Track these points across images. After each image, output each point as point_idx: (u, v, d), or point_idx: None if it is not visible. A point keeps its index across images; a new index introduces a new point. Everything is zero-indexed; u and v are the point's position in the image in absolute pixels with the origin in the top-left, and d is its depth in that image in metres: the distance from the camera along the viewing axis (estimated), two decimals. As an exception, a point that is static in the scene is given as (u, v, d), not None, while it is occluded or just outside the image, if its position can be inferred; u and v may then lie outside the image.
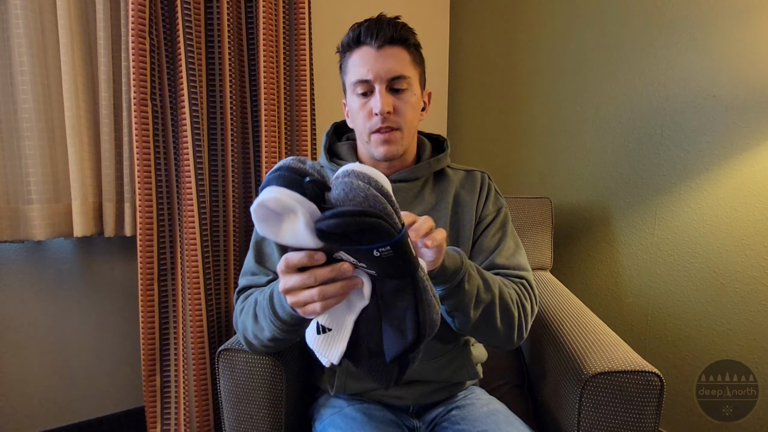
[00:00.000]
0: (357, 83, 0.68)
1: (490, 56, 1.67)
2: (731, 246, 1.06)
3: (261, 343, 0.65)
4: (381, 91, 0.67)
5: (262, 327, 0.62)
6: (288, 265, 0.43)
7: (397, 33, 0.67)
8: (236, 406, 0.76)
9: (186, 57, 1.08)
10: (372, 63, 0.67)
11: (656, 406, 0.66)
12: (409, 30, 0.70)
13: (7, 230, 1.02)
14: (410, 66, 0.70)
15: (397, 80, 0.68)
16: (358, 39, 0.68)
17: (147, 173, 1.09)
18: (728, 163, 1.05)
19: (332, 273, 0.42)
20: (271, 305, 0.59)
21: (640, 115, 1.22)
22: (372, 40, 0.67)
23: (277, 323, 0.59)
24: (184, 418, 1.18)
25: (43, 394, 1.18)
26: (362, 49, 0.68)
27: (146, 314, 1.14)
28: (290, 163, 0.38)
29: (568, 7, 1.39)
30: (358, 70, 0.68)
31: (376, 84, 0.67)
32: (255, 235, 0.76)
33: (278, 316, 0.58)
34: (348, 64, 0.70)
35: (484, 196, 0.78)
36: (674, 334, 1.18)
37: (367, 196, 0.36)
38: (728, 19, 1.04)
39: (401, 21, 0.69)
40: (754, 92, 1.00)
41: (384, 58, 0.67)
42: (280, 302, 0.57)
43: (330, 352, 0.47)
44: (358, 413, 0.71)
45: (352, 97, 0.71)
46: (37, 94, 1.01)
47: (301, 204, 0.36)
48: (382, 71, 0.67)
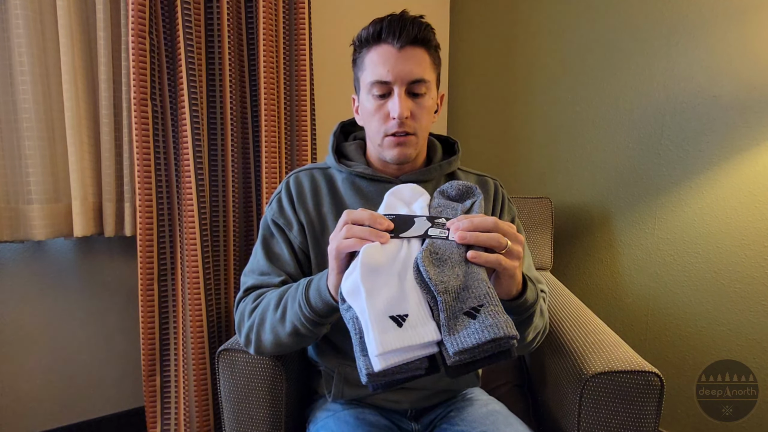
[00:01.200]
0: (375, 83, 0.65)
1: (490, 56, 1.67)
2: (731, 246, 1.06)
3: (276, 339, 0.64)
4: (400, 95, 0.64)
5: (286, 320, 0.62)
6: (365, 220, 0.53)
7: (421, 33, 0.64)
8: (236, 406, 0.76)
9: (186, 57, 1.08)
10: (393, 63, 0.64)
11: (656, 406, 0.66)
12: (432, 30, 0.67)
13: (7, 230, 1.02)
14: (430, 69, 0.67)
15: (417, 84, 0.65)
16: (379, 36, 0.64)
17: (147, 173, 1.09)
18: (728, 163, 1.05)
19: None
20: (306, 293, 0.59)
21: (640, 115, 1.22)
22: (394, 39, 0.63)
23: (307, 312, 0.59)
24: (184, 418, 1.18)
25: (43, 394, 1.18)
26: (382, 47, 0.65)
27: (146, 314, 1.14)
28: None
29: (568, 8, 1.39)
30: (378, 69, 0.65)
31: (395, 86, 0.64)
32: (264, 230, 0.75)
33: (311, 304, 0.59)
34: (365, 60, 0.67)
35: (499, 206, 0.77)
36: (674, 334, 1.18)
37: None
38: (728, 19, 1.04)
39: (425, 21, 0.66)
40: (754, 92, 1.01)
41: (405, 59, 0.64)
42: (318, 290, 0.58)
43: (421, 336, 0.44)
44: (351, 417, 0.70)
45: (366, 97, 0.68)
46: (37, 94, 1.01)
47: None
48: (403, 73, 0.64)
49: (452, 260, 0.49)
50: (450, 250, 0.50)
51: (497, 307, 0.45)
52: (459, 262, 0.49)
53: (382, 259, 0.49)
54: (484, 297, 0.46)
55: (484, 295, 0.46)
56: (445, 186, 0.60)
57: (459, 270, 0.48)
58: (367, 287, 0.46)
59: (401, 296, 0.47)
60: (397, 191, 0.61)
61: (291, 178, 0.77)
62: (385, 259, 0.49)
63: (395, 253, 0.50)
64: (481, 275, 0.48)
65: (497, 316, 0.44)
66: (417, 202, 0.58)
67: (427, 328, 0.44)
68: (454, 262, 0.49)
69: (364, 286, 0.46)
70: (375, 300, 0.45)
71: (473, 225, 0.50)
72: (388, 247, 0.50)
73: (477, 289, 0.46)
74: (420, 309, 0.46)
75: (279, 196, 0.75)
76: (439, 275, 0.47)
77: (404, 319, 0.45)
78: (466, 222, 0.50)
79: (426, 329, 0.44)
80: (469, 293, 0.47)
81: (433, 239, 0.51)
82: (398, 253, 0.50)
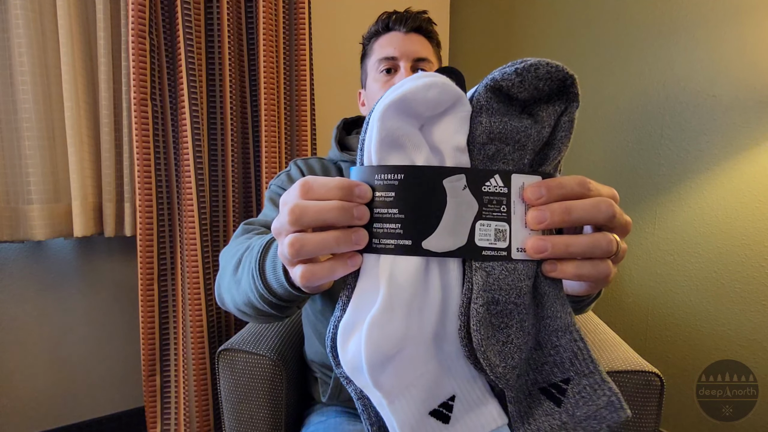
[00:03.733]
0: (382, 60, 0.70)
1: (490, 57, 1.67)
2: (731, 246, 1.06)
3: (235, 305, 0.49)
4: (406, 69, 0.69)
5: (241, 288, 0.46)
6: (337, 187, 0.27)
7: (425, 24, 0.71)
8: (236, 406, 0.76)
9: (186, 57, 1.08)
10: (399, 44, 0.70)
11: (656, 406, 0.66)
12: (434, 25, 0.73)
13: (7, 230, 1.02)
14: (433, 55, 0.73)
15: (422, 62, 0.70)
16: (387, 26, 0.72)
17: (147, 173, 1.09)
18: (728, 163, 1.05)
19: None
20: (261, 264, 0.42)
21: (640, 115, 1.22)
22: (401, 26, 0.70)
23: (263, 291, 0.42)
24: (184, 418, 1.18)
25: (43, 394, 1.18)
26: (390, 33, 0.71)
27: (146, 314, 1.14)
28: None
29: (568, 8, 1.39)
30: (384, 49, 0.71)
31: (401, 62, 0.70)
32: (270, 193, 0.69)
33: (267, 282, 0.42)
34: (374, 47, 0.73)
35: None
36: (674, 334, 1.18)
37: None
38: (728, 19, 1.03)
39: (428, 16, 0.73)
40: (754, 92, 1.00)
41: (411, 41, 0.70)
42: (274, 267, 0.40)
43: (481, 427, 0.28)
44: (340, 425, 0.69)
45: (374, 77, 0.72)
46: (37, 94, 1.01)
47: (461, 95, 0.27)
48: (409, 51, 0.69)
49: (522, 305, 0.28)
50: (518, 283, 0.27)
51: (594, 377, 0.27)
52: (529, 302, 0.28)
53: (397, 329, 0.27)
54: (571, 363, 0.28)
55: (572, 359, 0.28)
56: (506, 70, 0.27)
57: (529, 321, 0.28)
58: (387, 389, 0.27)
59: (441, 372, 0.28)
60: (401, 99, 0.27)
61: (299, 161, 0.75)
62: (402, 321, 0.27)
63: (417, 294, 0.27)
64: (557, 307, 0.29)
65: (595, 397, 0.27)
66: (444, 125, 0.28)
67: (487, 412, 0.29)
68: (524, 308, 0.28)
69: (380, 390, 0.27)
70: (403, 404, 0.27)
71: (563, 210, 0.27)
72: (402, 279, 0.27)
73: (558, 348, 0.28)
74: (473, 382, 0.29)
75: (288, 172, 0.72)
76: (502, 351, 0.27)
77: (451, 408, 0.28)
78: (548, 210, 0.27)
79: (485, 415, 0.29)
80: (545, 355, 0.29)
81: (487, 264, 0.27)
82: (425, 292, 0.27)
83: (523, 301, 0.28)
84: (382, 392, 0.27)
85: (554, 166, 0.30)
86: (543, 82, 0.27)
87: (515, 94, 0.27)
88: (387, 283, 0.26)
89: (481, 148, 0.28)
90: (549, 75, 0.27)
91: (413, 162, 0.27)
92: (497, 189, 0.27)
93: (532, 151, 0.28)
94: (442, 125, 0.27)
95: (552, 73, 0.27)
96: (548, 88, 0.28)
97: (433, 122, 0.28)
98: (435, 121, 0.28)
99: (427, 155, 0.27)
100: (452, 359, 0.29)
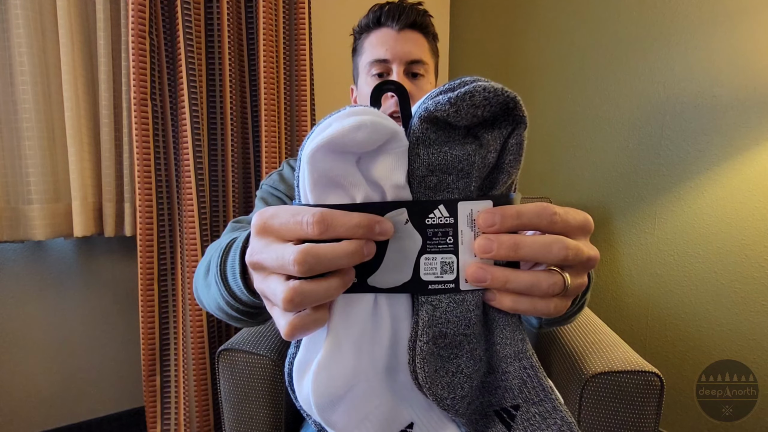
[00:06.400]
0: (373, 63, 0.66)
1: (490, 56, 1.67)
2: (731, 246, 1.06)
3: (210, 308, 0.46)
4: (398, 73, 0.65)
5: (210, 293, 0.43)
6: (333, 221, 0.24)
7: (419, 18, 0.66)
8: (236, 406, 0.76)
9: (186, 57, 1.08)
10: (391, 44, 0.64)
11: (656, 406, 0.66)
12: (430, 17, 0.68)
13: (7, 230, 1.02)
14: (428, 53, 0.68)
15: (416, 64, 0.65)
16: (378, 20, 0.66)
17: (147, 173, 1.09)
18: (728, 163, 1.05)
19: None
20: (222, 269, 0.39)
21: (640, 115, 1.22)
22: (393, 23, 0.65)
23: (228, 298, 0.39)
24: (184, 418, 1.18)
25: (43, 394, 1.18)
26: (381, 30, 0.66)
27: (146, 314, 1.14)
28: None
29: (568, 7, 1.39)
30: (376, 50, 0.65)
31: (393, 65, 0.65)
32: (262, 193, 0.68)
33: (230, 288, 0.38)
34: (364, 45, 0.68)
35: None
36: (674, 334, 1.18)
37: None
38: (728, 19, 1.03)
39: (423, 8, 0.67)
40: (754, 92, 1.00)
41: (404, 41, 0.65)
42: (233, 272, 0.37)
43: None
44: None
45: (365, 79, 0.68)
46: (37, 94, 1.01)
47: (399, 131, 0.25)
48: (402, 53, 0.64)
49: (472, 335, 0.28)
50: (467, 314, 0.27)
51: (544, 405, 0.28)
52: (479, 331, 0.28)
53: (346, 367, 0.26)
54: (519, 390, 0.28)
55: (520, 386, 0.28)
56: (439, 99, 0.25)
57: (480, 349, 0.29)
58: (340, 427, 0.27)
59: (397, 401, 0.29)
60: (329, 142, 0.24)
61: (292, 161, 0.73)
62: (351, 359, 0.26)
63: (366, 330, 0.27)
64: (507, 333, 0.29)
65: (545, 425, 0.27)
66: (381, 162, 0.26)
67: None
68: (475, 337, 0.28)
69: (334, 428, 0.28)
70: None
71: (510, 246, 0.25)
72: (351, 315, 0.27)
73: (507, 374, 0.29)
74: (429, 409, 0.30)
75: (281, 172, 0.70)
76: (452, 383, 0.28)
77: None
78: (496, 242, 0.26)
79: None
80: (497, 379, 0.29)
81: (434, 298, 0.27)
82: (375, 326, 0.27)
83: (473, 331, 0.28)
84: (336, 430, 0.27)
85: (506, 189, 0.28)
86: (481, 109, 0.25)
87: (453, 123, 0.26)
88: (335, 321, 0.26)
89: (422, 181, 0.26)
90: (487, 101, 0.25)
91: (353, 199, 0.26)
92: (442, 220, 0.26)
93: (479, 177, 0.27)
94: (378, 162, 0.26)
95: (490, 99, 0.25)
96: (489, 114, 0.26)
97: (370, 157, 0.26)
98: (372, 156, 0.26)
99: (366, 192, 0.26)
100: (407, 389, 0.29)
